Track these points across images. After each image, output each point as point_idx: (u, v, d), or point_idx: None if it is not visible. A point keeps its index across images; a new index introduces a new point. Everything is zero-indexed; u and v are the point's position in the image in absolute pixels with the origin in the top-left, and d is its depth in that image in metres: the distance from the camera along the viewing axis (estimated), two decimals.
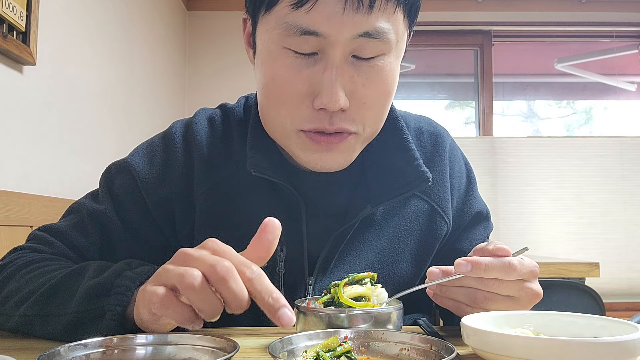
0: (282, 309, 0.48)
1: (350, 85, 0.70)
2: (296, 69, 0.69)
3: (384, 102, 0.74)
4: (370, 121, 0.74)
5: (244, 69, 3.29)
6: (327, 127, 0.71)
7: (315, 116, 0.70)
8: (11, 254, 0.82)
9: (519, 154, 3.44)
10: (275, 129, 0.76)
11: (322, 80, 0.68)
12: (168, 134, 0.86)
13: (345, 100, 0.69)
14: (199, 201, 0.81)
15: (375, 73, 0.71)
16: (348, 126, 0.72)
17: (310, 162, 0.75)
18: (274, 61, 0.71)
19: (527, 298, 0.65)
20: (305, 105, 0.70)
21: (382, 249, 0.83)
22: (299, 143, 0.74)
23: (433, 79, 3.79)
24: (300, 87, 0.70)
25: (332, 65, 0.68)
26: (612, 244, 3.36)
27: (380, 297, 0.65)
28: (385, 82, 0.72)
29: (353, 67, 0.70)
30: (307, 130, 0.72)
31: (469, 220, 0.91)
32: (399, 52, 0.74)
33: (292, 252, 0.79)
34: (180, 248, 0.54)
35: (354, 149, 0.76)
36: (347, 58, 0.69)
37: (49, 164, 1.72)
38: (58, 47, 1.78)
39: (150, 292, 0.51)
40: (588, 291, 1.74)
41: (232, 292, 0.48)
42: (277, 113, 0.73)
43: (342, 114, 0.71)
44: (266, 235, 0.53)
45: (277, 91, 0.72)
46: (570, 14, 3.55)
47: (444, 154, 0.90)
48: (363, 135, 0.75)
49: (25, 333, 0.69)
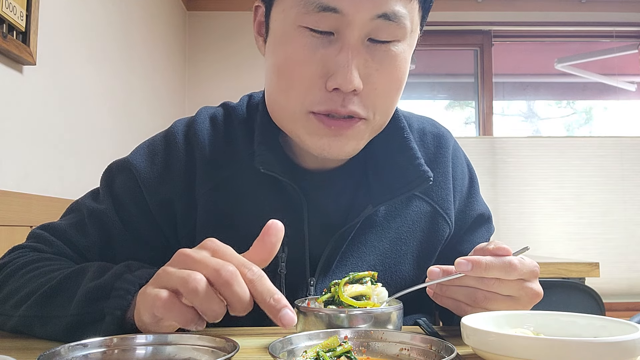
0: (283, 309, 0.48)
1: (364, 69, 0.70)
2: (311, 49, 0.69)
3: (395, 91, 0.74)
4: (381, 109, 0.74)
5: (244, 69, 3.29)
6: (339, 109, 0.70)
7: (328, 97, 0.70)
8: (11, 252, 0.81)
9: (519, 154, 3.44)
10: (284, 114, 0.75)
11: (337, 60, 0.68)
12: (170, 133, 0.86)
13: (359, 81, 0.69)
14: (200, 201, 0.80)
15: (389, 59, 0.71)
16: (360, 110, 0.71)
17: (317, 148, 0.74)
18: (289, 42, 0.71)
19: (528, 298, 0.65)
20: (318, 87, 0.70)
21: (384, 251, 0.83)
22: (307, 127, 0.73)
23: (433, 79, 3.79)
24: (314, 68, 0.69)
25: (348, 45, 0.68)
26: (612, 244, 3.36)
27: (380, 296, 0.65)
28: (398, 70, 0.73)
29: (368, 51, 0.70)
30: (318, 113, 0.71)
31: (471, 222, 0.91)
32: (412, 42, 0.74)
33: (293, 253, 0.79)
34: (181, 247, 0.54)
35: (362, 137, 0.75)
36: (363, 40, 0.69)
37: (49, 164, 1.72)
38: (58, 47, 1.78)
39: (153, 296, 0.51)
40: (588, 291, 1.74)
41: (236, 295, 0.48)
42: (287, 96, 0.72)
43: (355, 98, 0.70)
44: (269, 237, 0.53)
45: (289, 73, 0.71)
46: (570, 14, 3.55)
47: (447, 156, 0.89)
48: (372, 123, 0.74)
49: (25, 333, 0.69)
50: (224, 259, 0.51)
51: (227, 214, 0.80)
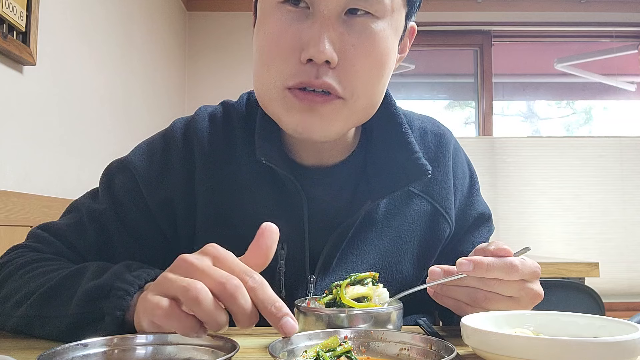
0: (284, 317, 0.48)
1: (340, 43, 0.69)
2: (287, 23, 0.70)
3: (376, 71, 0.73)
4: (360, 91, 0.72)
5: (244, 69, 3.29)
6: (313, 81, 0.69)
7: (302, 70, 0.70)
8: (10, 252, 0.81)
9: (519, 154, 3.44)
10: (264, 91, 0.74)
11: (311, 32, 0.68)
12: (169, 132, 0.86)
13: (333, 52, 0.68)
14: (200, 199, 0.80)
15: (366, 35, 0.70)
16: (335, 85, 0.70)
17: (292, 124, 0.73)
18: (268, 20, 0.72)
19: (528, 298, 0.65)
20: (293, 61, 0.70)
21: (384, 249, 0.83)
22: (283, 104, 0.72)
23: (433, 79, 3.79)
24: (289, 41, 0.70)
25: (321, 17, 0.68)
26: (612, 244, 3.36)
27: (381, 297, 0.65)
28: (377, 50, 0.71)
29: (344, 25, 0.70)
30: (292, 87, 0.71)
31: (471, 222, 0.90)
32: (394, 24, 0.73)
33: (293, 250, 0.79)
34: (182, 248, 0.54)
35: (338, 116, 0.73)
36: (339, 14, 0.69)
37: (49, 164, 1.72)
38: (58, 47, 1.78)
39: (154, 304, 0.50)
40: (588, 291, 1.74)
41: (241, 307, 0.48)
42: (267, 72, 0.72)
43: (330, 71, 0.70)
44: (264, 240, 0.53)
45: (267, 48, 0.72)
46: (570, 14, 3.55)
47: (448, 155, 0.89)
48: (350, 104, 0.72)
49: (25, 333, 0.69)
50: (226, 266, 0.51)
51: (227, 212, 0.80)
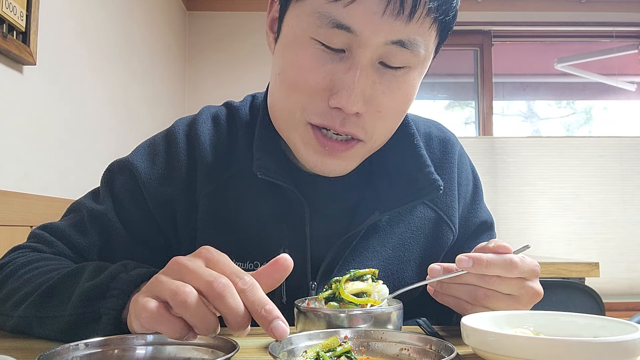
0: (275, 320, 0.47)
1: (370, 90, 0.68)
2: (320, 61, 0.67)
3: (397, 116, 0.74)
4: (380, 132, 0.73)
5: (244, 69, 3.29)
6: (337, 128, 0.69)
7: (328, 113, 0.69)
8: (11, 252, 0.81)
9: (519, 154, 3.44)
10: (283, 118, 0.74)
11: (345, 78, 0.66)
12: (171, 132, 0.85)
13: (362, 106, 0.67)
14: (201, 202, 0.80)
15: (397, 84, 0.69)
16: (358, 133, 0.70)
17: (310, 162, 0.74)
18: (298, 48, 0.69)
19: (528, 297, 0.65)
20: (321, 99, 0.68)
21: (387, 257, 0.82)
22: (304, 136, 0.72)
23: (433, 78, 3.79)
24: (320, 80, 0.68)
25: (357, 65, 0.66)
26: (612, 244, 3.36)
27: (381, 293, 0.65)
28: (405, 96, 0.71)
29: (377, 73, 0.68)
30: (315, 125, 0.70)
31: (474, 229, 0.90)
32: (423, 69, 0.73)
33: (294, 256, 0.78)
34: (183, 250, 0.54)
35: (357, 158, 0.75)
36: (374, 63, 0.67)
37: (49, 164, 1.72)
38: (58, 47, 1.78)
39: (141, 305, 0.49)
40: (588, 291, 1.74)
41: (230, 308, 0.47)
42: (288, 100, 0.71)
43: (355, 119, 0.69)
44: (278, 273, 0.52)
45: (294, 77, 0.69)
46: (570, 14, 3.55)
47: (453, 161, 0.89)
48: (369, 145, 0.74)
49: (25, 333, 0.69)
50: (217, 268, 0.50)
51: (228, 216, 0.79)
